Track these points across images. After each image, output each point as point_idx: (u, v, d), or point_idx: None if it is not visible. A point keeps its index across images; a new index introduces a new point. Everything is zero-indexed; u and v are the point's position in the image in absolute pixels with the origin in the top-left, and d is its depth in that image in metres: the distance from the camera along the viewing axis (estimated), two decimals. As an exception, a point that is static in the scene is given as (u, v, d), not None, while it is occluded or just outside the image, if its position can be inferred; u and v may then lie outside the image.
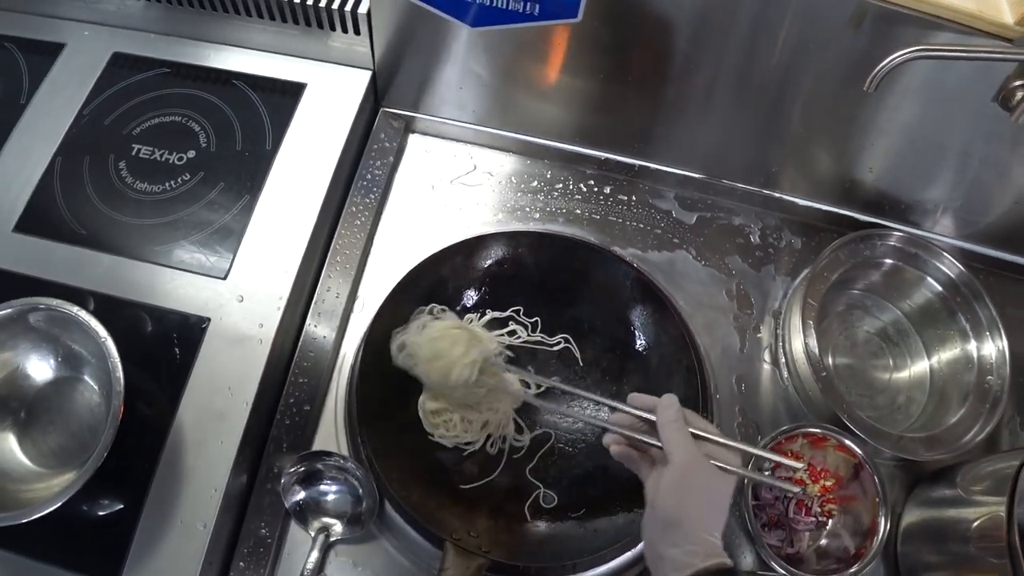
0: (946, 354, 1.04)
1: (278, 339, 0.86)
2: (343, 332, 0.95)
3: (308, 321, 0.92)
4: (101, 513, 0.80)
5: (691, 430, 0.70)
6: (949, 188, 1.03)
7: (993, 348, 1.00)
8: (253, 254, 0.90)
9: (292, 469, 0.83)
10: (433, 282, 0.93)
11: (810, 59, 0.88)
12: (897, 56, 0.76)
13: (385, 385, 0.87)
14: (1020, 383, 1.02)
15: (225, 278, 0.88)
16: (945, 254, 1.02)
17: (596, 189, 1.07)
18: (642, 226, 1.05)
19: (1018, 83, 0.83)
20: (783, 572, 0.86)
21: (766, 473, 0.93)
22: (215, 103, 1.01)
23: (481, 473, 0.89)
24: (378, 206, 1.02)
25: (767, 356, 1.01)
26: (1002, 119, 0.84)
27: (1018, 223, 1.05)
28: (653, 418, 0.72)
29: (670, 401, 0.72)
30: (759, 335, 1.02)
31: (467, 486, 0.88)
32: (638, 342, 0.96)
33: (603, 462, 0.88)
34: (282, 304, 0.87)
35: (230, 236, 0.91)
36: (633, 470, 0.76)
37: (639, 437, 0.73)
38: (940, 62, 0.83)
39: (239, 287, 0.88)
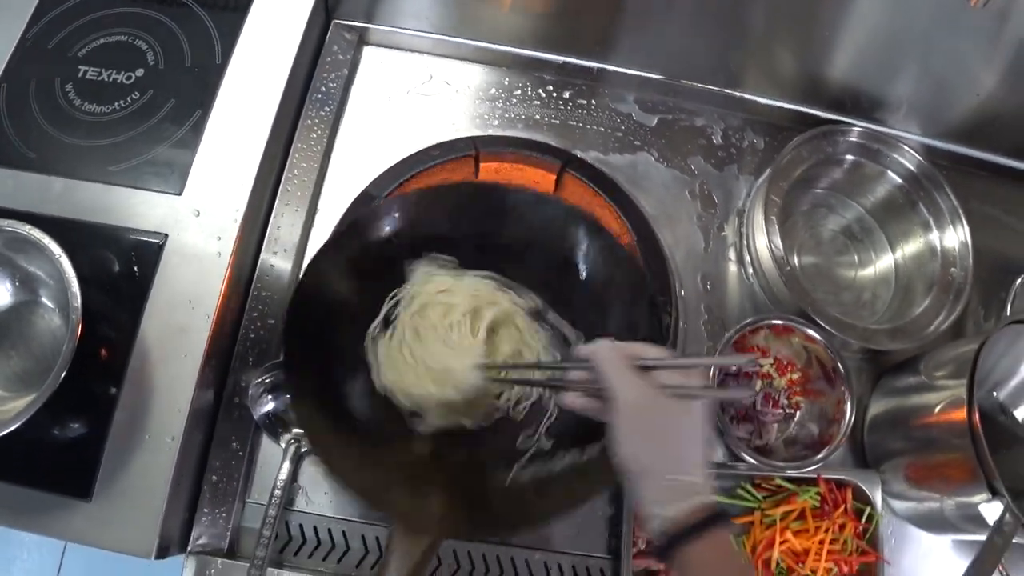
0: (910, 247, 1.05)
1: (237, 251, 0.86)
2: (304, 246, 0.95)
3: (268, 234, 0.92)
4: (70, 432, 0.80)
5: (641, 363, 0.63)
6: (912, 84, 1.03)
7: (956, 239, 1.01)
8: (208, 169, 0.89)
9: (259, 380, 0.84)
10: (359, 244, 0.81)
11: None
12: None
13: (320, 358, 0.78)
14: (984, 276, 1.03)
15: (180, 194, 0.87)
16: (905, 147, 1.03)
17: (555, 94, 1.06)
18: (603, 129, 1.04)
19: (975, -35, 0.83)
20: (753, 462, 0.88)
21: (733, 368, 0.95)
22: (161, 20, 0.98)
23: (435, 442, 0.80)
24: (334, 119, 1.00)
25: (732, 254, 1.01)
26: (963, 9, 0.85)
27: (980, 117, 1.05)
28: None
29: (601, 343, 0.66)
30: (723, 234, 1.02)
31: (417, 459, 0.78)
32: (587, 279, 0.83)
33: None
34: (239, 216, 0.86)
35: (184, 152, 0.89)
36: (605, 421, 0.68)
37: (595, 387, 0.65)
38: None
39: (195, 202, 0.87)
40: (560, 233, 0.82)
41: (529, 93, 1.06)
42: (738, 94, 1.07)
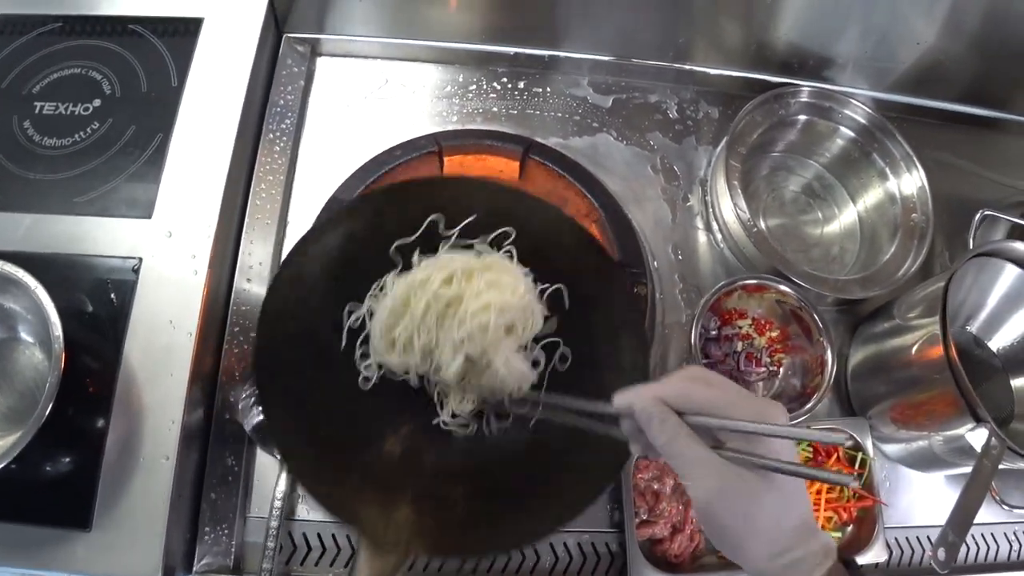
0: (870, 198, 1.08)
1: (213, 267, 0.86)
2: (279, 255, 0.95)
3: (241, 248, 0.92)
4: (63, 464, 0.80)
5: (700, 419, 0.52)
6: (856, 40, 1.05)
7: (913, 184, 1.03)
8: (175, 190, 0.89)
9: (247, 391, 0.84)
10: (336, 246, 0.76)
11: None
12: None
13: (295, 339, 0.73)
14: (944, 220, 1.06)
15: (150, 217, 0.87)
16: (854, 102, 1.05)
17: (510, 85, 1.08)
18: (560, 115, 1.06)
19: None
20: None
21: (712, 332, 0.96)
22: (113, 50, 0.98)
23: (407, 451, 0.73)
24: (295, 131, 1.01)
25: (699, 223, 1.03)
26: None
27: (924, 66, 1.07)
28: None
29: (639, 399, 0.54)
30: (689, 204, 1.04)
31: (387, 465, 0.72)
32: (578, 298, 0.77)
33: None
34: (211, 233, 0.87)
35: (149, 176, 0.90)
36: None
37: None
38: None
39: (166, 223, 0.87)
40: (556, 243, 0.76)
41: (484, 87, 1.07)
42: (688, 67, 1.09)
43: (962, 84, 1.11)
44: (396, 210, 0.76)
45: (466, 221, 0.74)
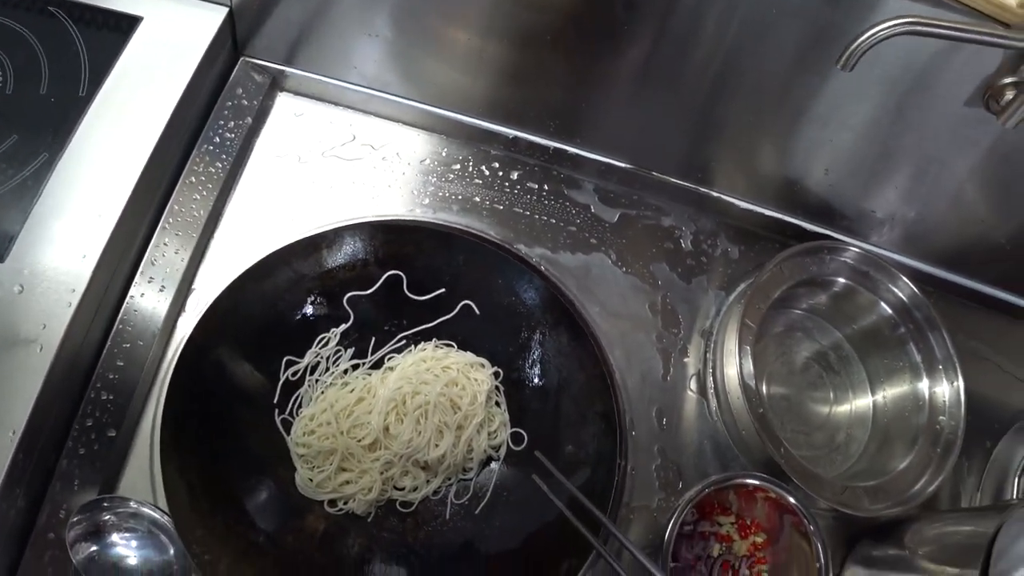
0: (892, 389, 0.94)
1: (67, 345, 0.65)
2: (168, 337, 0.75)
3: (117, 324, 0.71)
4: None
5: None
6: (904, 197, 0.92)
7: (946, 391, 0.89)
8: (45, 231, 0.69)
9: (76, 520, 0.63)
10: (280, 285, 0.76)
11: (766, 32, 0.74)
12: (883, 27, 0.62)
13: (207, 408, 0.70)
14: (968, 421, 0.91)
15: (2, 260, 0.67)
16: (899, 274, 0.91)
17: (501, 173, 0.90)
18: (554, 221, 0.88)
19: (1009, 80, 0.72)
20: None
21: (687, 527, 0.79)
22: (20, 33, 0.78)
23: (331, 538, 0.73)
24: (227, 177, 0.81)
25: (694, 384, 0.86)
26: (981, 123, 0.75)
27: (973, 242, 0.95)
28: None
29: None
30: (686, 359, 0.87)
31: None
32: (541, 377, 0.81)
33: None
34: (75, 300, 0.66)
35: (16, 205, 0.69)
36: None
37: None
38: (916, 47, 0.70)
39: (20, 273, 0.66)
40: (527, 312, 0.80)
41: (471, 169, 0.89)
42: (713, 193, 0.93)
43: (1010, 268, 0.98)
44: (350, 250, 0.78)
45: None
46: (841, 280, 0.91)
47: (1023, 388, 0.99)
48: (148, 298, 0.74)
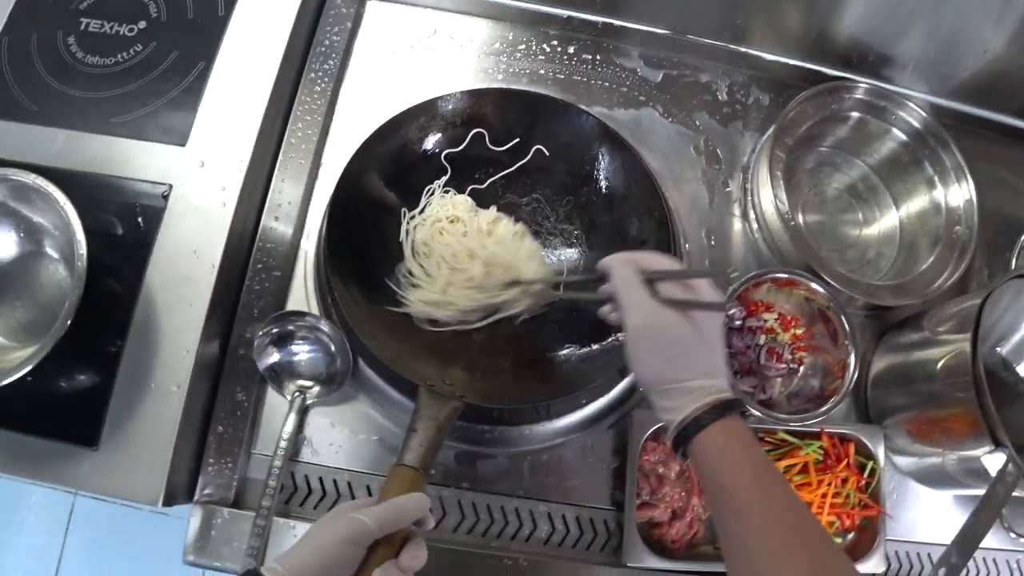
0: (914, 205, 1.05)
1: (242, 202, 0.86)
2: (309, 196, 0.95)
3: (272, 186, 0.91)
4: (76, 382, 0.81)
5: (649, 275, 0.65)
6: (921, 41, 1.02)
7: (961, 196, 1.00)
8: (212, 120, 0.88)
9: (264, 331, 0.84)
10: (398, 145, 0.91)
11: None
12: None
13: (356, 246, 0.86)
14: (988, 236, 1.03)
15: (184, 145, 0.87)
16: (911, 105, 1.02)
17: (560, 49, 1.05)
18: (607, 84, 1.04)
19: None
20: (758, 415, 0.88)
21: (737, 322, 0.95)
22: (164, -27, 0.97)
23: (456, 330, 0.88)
24: (338, 72, 0.99)
25: (736, 210, 1.01)
26: None
27: (989, 76, 1.04)
28: None
29: (612, 260, 0.67)
30: (728, 189, 1.01)
31: (441, 339, 0.87)
32: (607, 192, 0.93)
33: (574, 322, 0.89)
34: (244, 167, 0.86)
35: (187, 104, 0.89)
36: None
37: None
38: None
39: (199, 153, 0.87)
40: (586, 145, 0.92)
41: (534, 48, 1.05)
42: (744, 50, 1.06)
43: (1025, 98, 1.07)
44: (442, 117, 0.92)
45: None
46: (857, 114, 1.03)
47: (1041, 205, 1.09)
48: (291, 170, 0.93)
